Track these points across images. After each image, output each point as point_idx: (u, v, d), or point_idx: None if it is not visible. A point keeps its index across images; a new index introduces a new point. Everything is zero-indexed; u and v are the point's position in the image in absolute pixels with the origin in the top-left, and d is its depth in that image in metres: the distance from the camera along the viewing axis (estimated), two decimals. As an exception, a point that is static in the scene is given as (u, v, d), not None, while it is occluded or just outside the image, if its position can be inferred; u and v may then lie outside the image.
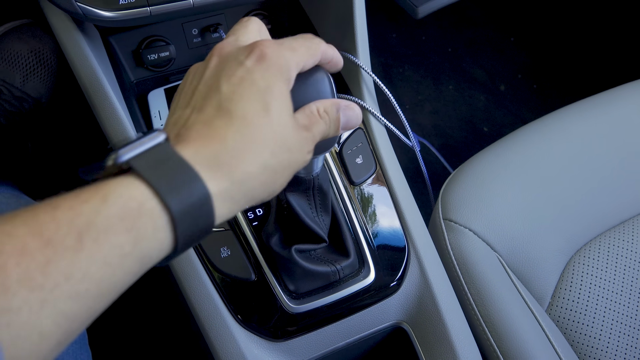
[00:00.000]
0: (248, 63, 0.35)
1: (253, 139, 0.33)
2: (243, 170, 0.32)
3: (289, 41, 0.37)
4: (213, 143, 0.32)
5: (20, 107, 0.81)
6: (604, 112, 0.78)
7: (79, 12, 0.55)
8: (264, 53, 0.35)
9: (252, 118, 0.33)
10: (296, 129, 0.36)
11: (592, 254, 0.70)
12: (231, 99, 0.33)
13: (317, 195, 0.50)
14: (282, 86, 0.35)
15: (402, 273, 0.57)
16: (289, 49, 0.36)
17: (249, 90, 0.34)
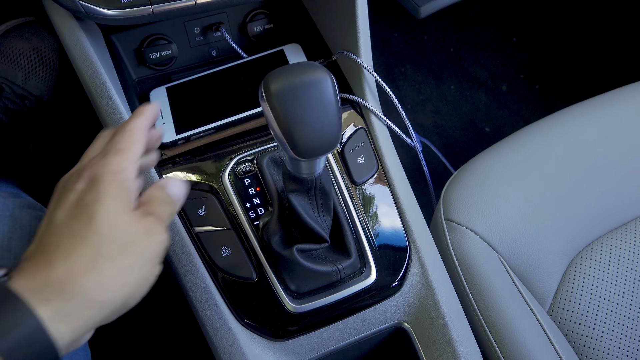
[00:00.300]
0: (79, 186, 0.38)
1: (82, 252, 0.35)
2: (79, 284, 0.34)
3: (112, 144, 0.40)
4: (44, 269, 0.34)
5: (22, 105, 0.81)
6: (606, 113, 0.78)
7: (81, 10, 0.55)
8: (92, 172, 0.38)
9: (78, 232, 0.36)
10: (133, 222, 0.38)
11: (594, 255, 0.70)
12: (62, 224, 0.36)
13: (319, 195, 0.50)
14: (112, 191, 0.37)
15: (403, 273, 0.57)
16: (114, 154, 0.39)
17: (77, 210, 0.37)
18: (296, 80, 0.39)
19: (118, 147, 0.40)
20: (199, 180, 0.58)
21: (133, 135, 0.41)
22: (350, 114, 0.64)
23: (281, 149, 0.43)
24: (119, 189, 0.38)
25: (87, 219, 0.36)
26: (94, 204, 0.37)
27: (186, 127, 0.65)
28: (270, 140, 0.61)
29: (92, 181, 0.38)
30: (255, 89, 0.68)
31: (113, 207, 0.37)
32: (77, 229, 0.36)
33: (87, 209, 0.36)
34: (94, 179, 0.38)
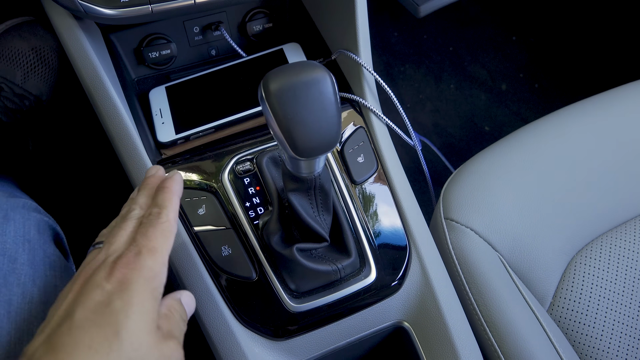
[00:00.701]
0: (108, 287, 0.35)
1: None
2: None
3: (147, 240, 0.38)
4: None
5: (21, 104, 0.81)
6: (606, 112, 0.78)
7: (81, 10, 0.54)
8: (126, 277, 0.35)
9: (100, 347, 0.32)
10: (156, 345, 0.35)
11: (593, 254, 0.70)
12: (81, 327, 0.33)
13: (319, 195, 0.50)
14: (143, 304, 0.35)
15: (403, 272, 0.57)
16: (149, 254, 0.37)
17: (101, 316, 0.33)
18: (295, 80, 0.39)
19: (153, 245, 0.38)
20: (199, 179, 0.58)
21: (167, 231, 0.40)
22: (349, 113, 0.64)
23: (281, 148, 0.43)
24: (149, 300, 0.36)
25: (111, 332, 0.33)
26: (121, 314, 0.34)
27: (185, 127, 0.65)
28: (269, 139, 0.61)
29: (123, 285, 0.35)
30: (254, 88, 0.68)
31: (141, 324, 0.34)
32: (98, 341, 0.33)
33: (112, 319, 0.33)
34: (125, 282, 0.35)
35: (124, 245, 0.39)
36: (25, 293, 0.50)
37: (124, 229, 0.41)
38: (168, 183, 0.44)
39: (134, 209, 0.43)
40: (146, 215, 0.41)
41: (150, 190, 0.45)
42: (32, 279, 0.51)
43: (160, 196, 0.43)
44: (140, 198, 0.44)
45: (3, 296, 0.48)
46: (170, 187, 0.44)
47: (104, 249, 0.39)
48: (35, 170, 1.02)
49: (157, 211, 0.41)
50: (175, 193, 0.44)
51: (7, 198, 0.56)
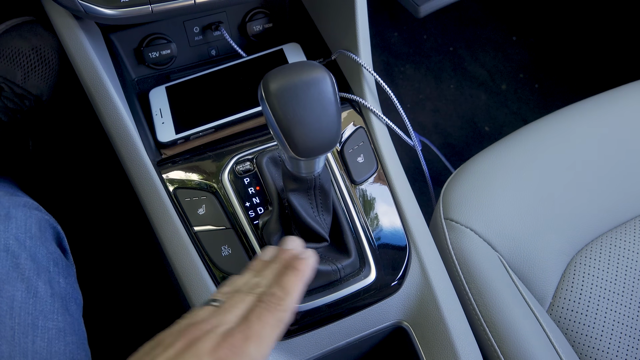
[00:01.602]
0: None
1: None
2: None
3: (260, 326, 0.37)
4: None
5: (21, 104, 0.81)
6: (606, 112, 0.78)
7: (81, 10, 0.54)
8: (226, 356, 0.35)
9: None
10: None
11: (593, 254, 0.70)
12: None
13: (319, 195, 0.50)
14: None
15: (403, 272, 0.57)
16: (255, 343, 0.36)
17: None
18: (295, 80, 0.39)
19: (263, 333, 0.37)
20: (199, 179, 0.58)
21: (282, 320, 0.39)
22: (349, 113, 0.64)
23: (280, 148, 0.43)
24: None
25: None
26: None
27: (186, 127, 0.65)
28: (269, 139, 0.61)
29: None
30: (254, 88, 0.68)
31: None
32: None
33: None
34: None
35: (236, 319, 0.38)
36: (29, 287, 0.50)
37: (245, 302, 0.39)
38: (301, 266, 0.42)
39: (261, 286, 0.41)
40: (268, 294, 0.39)
41: (281, 267, 0.43)
42: (36, 273, 0.51)
43: (288, 278, 0.41)
44: (269, 274, 0.42)
45: (6, 292, 0.49)
46: (302, 271, 0.42)
47: (218, 315, 0.39)
48: (35, 170, 1.02)
49: (280, 296, 0.39)
50: (305, 280, 0.42)
51: (10, 197, 0.56)
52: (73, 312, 0.55)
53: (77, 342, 0.54)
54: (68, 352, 0.52)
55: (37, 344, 0.49)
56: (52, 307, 0.52)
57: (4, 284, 0.49)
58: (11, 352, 0.47)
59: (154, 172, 0.57)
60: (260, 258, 0.45)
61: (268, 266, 0.43)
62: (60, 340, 0.51)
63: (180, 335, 0.37)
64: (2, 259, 0.50)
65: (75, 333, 0.54)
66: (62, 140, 1.09)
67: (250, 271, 0.43)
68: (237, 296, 0.40)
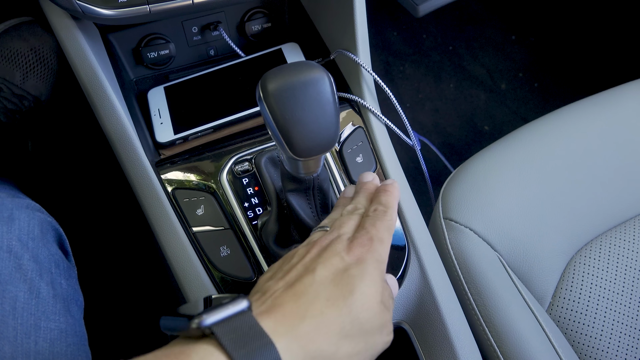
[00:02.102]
0: (347, 259, 0.39)
1: (332, 321, 0.36)
2: (318, 347, 0.35)
3: (376, 230, 0.42)
4: (294, 318, 0.35)
5: (20, 105, 0.81)
6: (605, 111, 0.78)
7: (79, 10, 0.54)
8: (362, 256, 0.39)
9: (336, 300, 0.37)
10: (380, 313, 0.39)
11: (593, 254, 0.70)
12: (322, 283, 0.37)
13: (317, 195, 0.50)
14: (374, 277, 0.39)
15: (402, 272, 0.57)
16: (379, 242, 0.41)
17: (340, 277, 0.38)
18: (294, 80, 0.39)
19: (381, 236, 0.42)
20: (197, 179, 0.58)
21: (391, 227, 0.44)
22: (348, 113, 0.64)
23: (279, 148, 0.43)
24: (379, 277, 0.40)
25: (347, 291, 0.37)
26: (358, 279, 0.38)
27: (184, 127, 0.65)
28: (268, 139, 0.61)
29: (359, 260, 0.39)
30: (253, 88, 0.68)
31: (372, 290, 0.39)
32: (335, 296, 0.37)
33: (350, 281, 0.38)
34: (361, 259, 0.39)
35: (353, 231, 0.43)
36: (32, 288, 0.50)
37: (352, 219, 0.44)
38: (390, 187, 0.48)
39: (359, 208, 0.46)
40: (372, 210, 0.45)
41: (369, 194, 0.48)
42: (38, 274, 0.52)
43: (384, 197, 0.46)
44: (362, 199, 0.47)
45: (9, 293, 0.49)
46: (392, 192, 0.47)
47: (335, 230, 0.43)
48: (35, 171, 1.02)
49: (383, 209, 0.45)
50: (397, 198, 0.47)
51: (12, 198, 0.56)
52: (74, 313, 0.55)
53: (78, 343, 0.54)
54: (69, 353, 0.52)
55: (40, 344, 0.49)
56: (54, 309, 0.52)
57: (7, 284, 0.49)
58: (14, 352, 0.47)
59: (152, 173, 0.57)
60: (344, 195, 0.50)
61: (355, 197, 0.48)
62: (62, 341, 0.51)
63: (312, 246, 0.41)
64: (5, 260, 0.50)
65: (77, 334, 0.54)
66: (61, 141, 1.09)
67: (339, 206, 0.48)
68: (342, 218, 0.45)
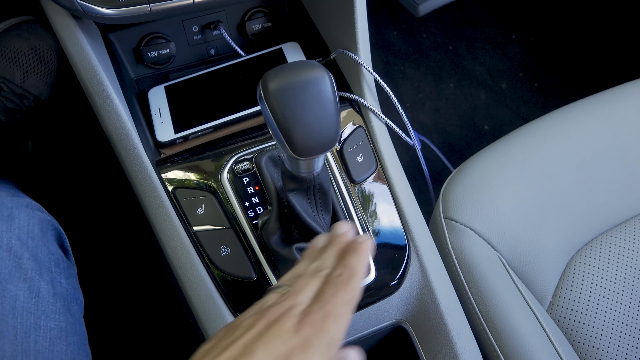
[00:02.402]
0: (293, 341, 0.35)
1: None
2: None
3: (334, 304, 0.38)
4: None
5: (20, 104, 0.81)
6: (606, 111, 0.78)
7: (79, 9, 0.54)
8: (310, 339, 0.36)
9: None
10: None
11: (593, 253, 0.70)
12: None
13: (318, 194, 0.50)
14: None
15: (402, 272, 0.57)
16: (334, 320, 0.37)
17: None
18: (294, 79, 0.39)
19: (339, 311, 0.38)
20: (198, 179, 0.58)
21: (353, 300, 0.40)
22: (349, 113, 0.64)
23: (280, 147, 0.43)
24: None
25: None
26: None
27: (185, 126, 0.65)
28: (269, 139, 0.61)
29: (306, 344, 0.36)
30: (253, 87, 0.68)
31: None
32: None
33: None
34: (309, 342, 0.36)
35: (309, 300, 0.39)
36: (32, 287, 0.50)
37: (313, 283, 0.40)
38: (361, 247, 0.44)
39: (325, 268, 0.42)
40: (336, 275, 0.41)
41: (339, 251, 0.45)
42: (38, 273, 0.52)
43: (353, 259, 0.42)
44: (330, 256, 0.44)
45: (8, 292, 0.49)
46: (362, 253, 0.43)
47: (290, 297, 0.39)
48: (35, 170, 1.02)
49: (348, 275, 0.40)
50: (366, 261, 0.43)
51: (12, 197, 0.56)
52: (74, 312, 0.55)
53: (78, 342, 0.54)
54: (69, 352, 0.52)
55: (39, 343, 0.49)
56: (53, 308, 0.52)
57: (6, 283, 0.49)
58: (14, 351, 0.47)
59: (153, 172, 0.57)
60: (313, 246, 0.46)
61: (324, 252, 0.44)
62: (61, 340, 0.51)
63: (259, 317, 0.37)
64: (5, 259, 0.50)
65: (77, 333, 0.54)
66: (62, 140, 1.09)
67: (306, 259, 0.44)
68: (303, 280, 0.41)
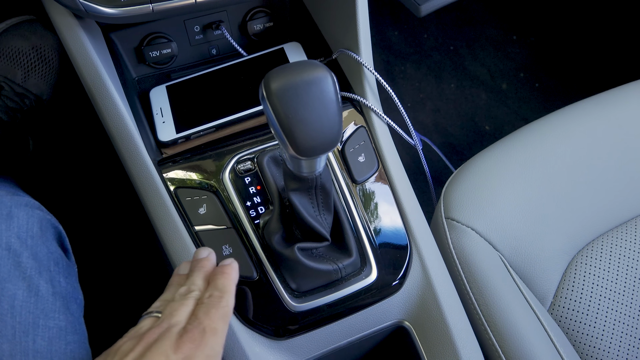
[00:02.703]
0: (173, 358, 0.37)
1: None
2: None
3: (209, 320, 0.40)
4: None
5: (21, 103, 0.81)
6: (607, 111, 0.78)
7: (81, 9, 0.54)
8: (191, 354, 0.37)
9: None
10: None
11: (594, 253, 0.70)
12: None
13: (320, 194, 0.50)
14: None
15: (404, 272, 0.57)
16: (212, 334, 0.39)
17: None
18: (297, 79, 0.39)
19: (215, 326, 0.40)
20: (200, 178, 0.58)
21: (227, 315, 0.42)
22: (350, 113, 0.64)
23: (282, 147, 0.43)
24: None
25: None
26: None
27: (186, 126, 0.65)
28: (270, 138, 0.61)
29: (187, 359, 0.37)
30: (255, 87, 0.68)
31: None
32: None
33: None
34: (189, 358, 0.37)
35: (185, 320, 0.41)
36: (31, 286, 0.50)
37: (186, 305, 0.42)
38: (227, 269, 0.46)
39: (194, 290, 0.44)
40: (207, 297, 0.43)
41: (205, 273, 0.46)
42: (37, 272, 0.52)
43: (220, 281, 0.45)
44: (197, 280, 0.45)
45: (7, 291, 0.49)
46: (230, 274, 0.46)
47: (165, 320, 0.41)
48: (36, 170, 1.02)
49: (219, 295, 0.43)
50: (234, 281, 0.46)
51: (11, 196, 0.56)
52: (74, 311, 0.55)
53: (77, 341, 0.54)
54: (69, 352, 0.52)
55: (38, 343, 0.49)
56: (53, 307, 0.52)
57: (5, 282, 0.49)
58: (12, 350, 0.47)
59: (154, 172, 0.57)
60: (177, 272, 0.48)
61: (190, 277, 0.46)
62: (61, 339, 0.51)
63: (137, 341, 0.38)
64: (4, 258, 0.50)
65: (76, 332, 0.54)
66: (63, 140, 1.09)
67: (173, 285, 0.46)
68: (175, 304, 0.43)
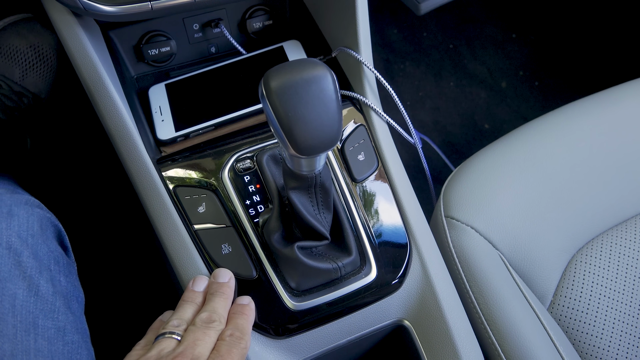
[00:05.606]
0: None
1: None
2: None
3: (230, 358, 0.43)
4: None
5: (19, 102, 0.81)
6: (606, 109, 0.78)
7: (80, 7, 0.54)
8: None
9: None
10: None
11: (594, 252, 0.70)
12: None
13: (319, 193, 0.50)
14: None
15: (403, 271, 0.57)
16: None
17: None
18: (296, 77, 0.39)
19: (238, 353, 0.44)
20: (199, 177, 0.58)
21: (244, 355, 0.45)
22: (350, 111, 0.64)
23: (281, 146, 0.43)
24: None
25: None
26: None
27: (185, 124, 0.65)
28: (270, 137, 0.61)
29: None
30: (254, 85, 0.68)
31: None
32: None
33: None
34: None
35: (207, 353, 0.44)
36: (31, 285, 0.50)
37: (209, 336, 0.45)
38: (247, 311, 0.50)
39: (215, 320, 0.47)
40: (228, 334, 0.46)
41: (226, 301, 0.50)
42: (38, 271, 0.51)
43: (241, 321, 0.48)
44: (219, 309, 0.49)
45: (8, 290, 0.49)
46: (249, 316, 0.50)
47: (188, 349, 0.43)
48: (34, 169, 1.02)
49: (239, 336, 0.46)
50: (252, 323, 0.50)
51: (11, 194, 0.56)
52: (75, 310, 0.55)
53: (79, 340, 0.54)
54: (70, 351, 0.52)
55: (39, 342, 0.49)
56: (53, 306, 0.52)
57: (6, 282, 0.49)
58: (13, 350, 0.47)
59: (153, 170, 0.57)
60: (191, 289, 0.51)
61: (210, 302, 0.49)
62: (61, 338, 0.51)
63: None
64: (5, 257, 0.50)
65: (78, 331, 0.54)
66: (61, 139, 1.09)
67: (188, 303, 0.49)
68: (198, 331, 0.45)
